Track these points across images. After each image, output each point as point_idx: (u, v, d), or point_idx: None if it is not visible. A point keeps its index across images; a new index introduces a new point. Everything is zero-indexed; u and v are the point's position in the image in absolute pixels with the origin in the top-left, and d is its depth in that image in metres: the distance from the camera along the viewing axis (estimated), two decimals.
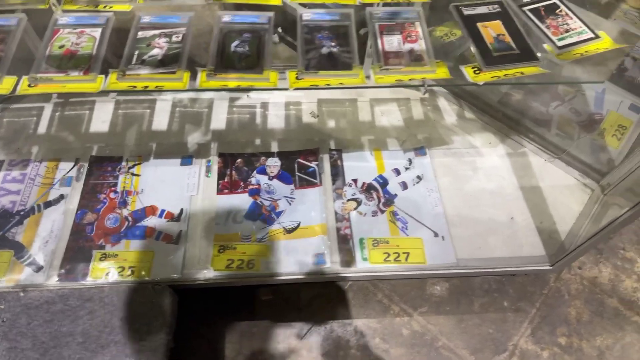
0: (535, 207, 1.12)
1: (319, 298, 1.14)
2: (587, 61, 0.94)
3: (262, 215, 1.08)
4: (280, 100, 1.29)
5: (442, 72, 0.78)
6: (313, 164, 1.17)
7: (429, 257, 1.04)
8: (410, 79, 0.78)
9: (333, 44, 0.81)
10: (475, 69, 0.80)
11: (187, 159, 1.17)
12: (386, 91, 1.32)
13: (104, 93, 1.27)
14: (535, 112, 1.27)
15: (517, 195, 1.14)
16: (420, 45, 0.82)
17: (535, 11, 0.88)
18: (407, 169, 1.18)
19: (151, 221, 1.07)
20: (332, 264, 1.02)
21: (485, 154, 1.21)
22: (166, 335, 0.92)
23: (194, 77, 0.77)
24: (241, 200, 1.10)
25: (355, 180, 1.15)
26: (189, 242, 1.04)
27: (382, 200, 1.12)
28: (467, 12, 0.87)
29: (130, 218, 1.07)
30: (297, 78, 0.77)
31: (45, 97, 1.25)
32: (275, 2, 0.87)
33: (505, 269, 1.05)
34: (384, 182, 1.15)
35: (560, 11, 0.88)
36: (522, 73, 0.79)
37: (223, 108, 1.26)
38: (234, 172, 1.15)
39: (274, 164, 1.16)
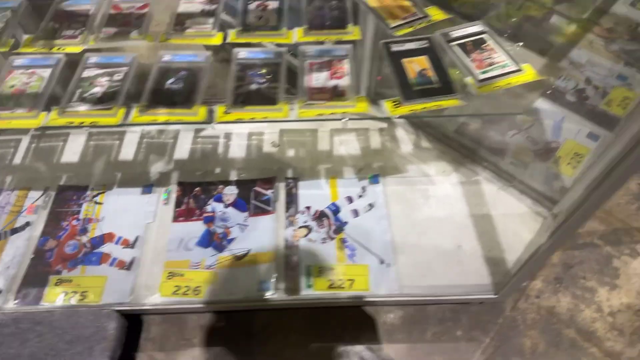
0: (484, 235, 1.13)
1: (271, 325, 1.16)
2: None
3: (213, 242, 1.12)
4: (244, 130, 1.34)
5: (362, 107, 0.82)
6: (269, 192, 1.20)
7: (372, 285, 1.05)
8: (331, 113, 0.82)
9: (263, 80, 0.86)
10: (395, 102, 0.83)
11: (148, 187, 1.22)
12: (348, 122, 1.36)
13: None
14: (492, 141, 1.29)
15: (467, 223, 1.15)
16: (345, 82, 0.86)
17: (462, 46, 0.92)
18: (360, 196, 1.21)
19: (108, 248, 1.12)
20: (277, 291, 1.04)
21: (438, 182, 1.23)
22: (108, 359, 0.95)
23: None
24: (195, 228, 1.14)
25: (308, 208, 1.18)
26: (141, 268, 1.08)
27: (333, 227, 1.15)
28: (395, 48, 0.91)
29: (88, 244, 1.12)
30: (225, 112, 0.82)
31: (23, 130, 1.34)
32: (216, 42, 0.93)
33: (449, 297, 1.05)
34: (336, 210, 1.18)
35: (487, 46, 0.92)
36: (440, 106, 0.83)
37: (188, 139, 1.32)
38: (191, 200, 1.19)
39: (230, 192, 1.20)
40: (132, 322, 1.13)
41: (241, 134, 1.33)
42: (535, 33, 1.53)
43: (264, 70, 0.88)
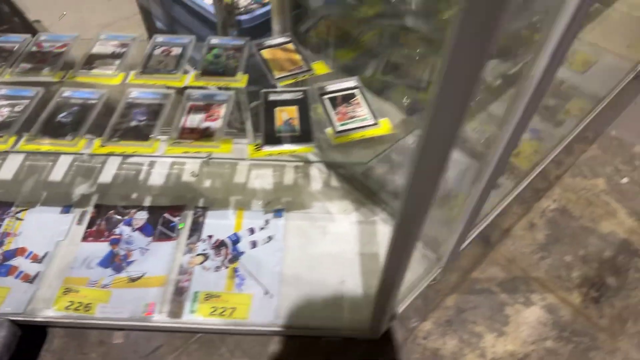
0: (370, 273, 1.19)
1: (165, 347, 1.21)
2: None
3: (114, 263, 1.20)
4: (168, 160, 1.44)
5: (225, 149, 0.91)
6: (176, 220, 1.29)
7: (252, 314, 1.11)
8: (195, 152, 0.91)
9: (143, 118, 0.96)
10: (257, 146, 0.92)
11: (67, 207, 1.31)
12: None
13: None
14: (395, 185, 1.37)
15: (355, 260, 1.21)
16: (217, 124, 0.96)
17: (333, 99, 1.01)
18: (262, 229, 1.28)
19: (18, 261, 1.20)
20: (160, 314, 1.10)
21: (338, 220, 1.30)
22: None
23: None
24: (100, 248, 1.22)
25: (210, 237, 1.26)
26: (43, 283, 1.16)
27: (229, 256, 1.22)
28: (272, 97, 1.01)
29: (0, 257, 1.21)
30: (100, 145, 0.92)
31: None
32: (115, 82, 1.04)
33: (322, 332, 1.10)
34: (236, 240, 1.25)
35: (354, 100, 1.01)
36: (294, 152, 0.91)
37: (114, 165, 1.42)
38: (103, 222, 1.28)
39: (140, 217, 1.28)
40: (36, 333, 1.20)
41: (164, 162, 1.43)
42: None
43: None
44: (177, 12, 1.55)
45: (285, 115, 0.97)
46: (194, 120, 0.96)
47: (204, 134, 0.93)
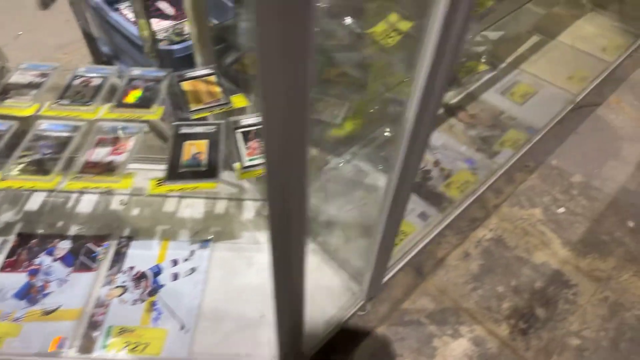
0: None
1: None
2: None
3: (29, 295, 1.16)
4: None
5: (125, 184, 0.91)
6: (98, 250, 1.26)
7: (165, 349, 1.08)
8: (94, 187, 0.90)
9: (49, 151, 0.95)
10: (159, 181, 0.91)
11: None
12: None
13: None
14: (327, 215, 1.37)
15: None
16: (122, 158, 0.95)
17: (245, 133, 1.02)
18: (186, 260, 1.26)
19: None
20: (70, 349, 1.07)
21: (265, 251, 1.28)
22: None
23: None
24: (18, 279, 1.19)
25: (131, 268, 1.23)
26: None
27: (149, 289, 1.20)
28: (183, 130, 1.01)
29: None
30: (1, 179, 0.90)
31: None
32: (27, 113, 1.03)
33: None
34: (158, 272, 1.23)
35: None
36: (196, 188, 0.91)
37: (42, 192, 1.39)
38: (25, 251, 1.25)
39: (63, 247, 1.26)
40: None
41: (94, 190, 1.41)
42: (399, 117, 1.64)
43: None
44: (118, 40, 1.56)
45: (194, 149, 0.97)
46: (99, 154, 0.95)
47: (107, 168, 0.93)
